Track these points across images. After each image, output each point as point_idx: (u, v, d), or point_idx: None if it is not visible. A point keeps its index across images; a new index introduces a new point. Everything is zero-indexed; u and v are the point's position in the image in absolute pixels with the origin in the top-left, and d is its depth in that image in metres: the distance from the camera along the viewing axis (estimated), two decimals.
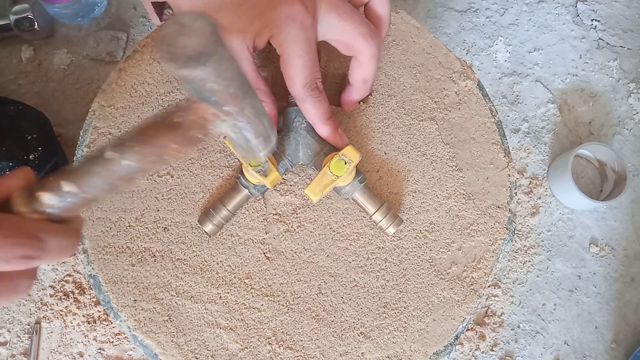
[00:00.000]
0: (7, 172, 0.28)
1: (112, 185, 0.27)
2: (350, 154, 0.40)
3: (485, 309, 0.72)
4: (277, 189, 0.46)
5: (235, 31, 0.36)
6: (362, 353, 0.44)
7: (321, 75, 0.39)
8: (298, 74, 0.37)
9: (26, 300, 0.67)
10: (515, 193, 0.48)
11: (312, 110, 0.39)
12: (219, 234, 0.45)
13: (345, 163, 0.40)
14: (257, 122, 0.29)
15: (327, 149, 0.42)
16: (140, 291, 0.44)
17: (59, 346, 0.67)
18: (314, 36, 0.37)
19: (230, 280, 0.44)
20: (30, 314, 0.67)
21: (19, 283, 0.27)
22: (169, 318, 0.43)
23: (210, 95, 0.25)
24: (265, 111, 0.30)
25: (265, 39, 0.37)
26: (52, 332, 0.67)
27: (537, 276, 0.75)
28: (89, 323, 0.67)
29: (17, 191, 0.27)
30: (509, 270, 0.74)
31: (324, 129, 0.41)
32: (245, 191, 0.43)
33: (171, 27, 0.22)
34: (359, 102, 0.48)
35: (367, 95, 0.48)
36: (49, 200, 0.27)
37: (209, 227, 0.43)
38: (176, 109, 0.27)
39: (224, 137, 0.46)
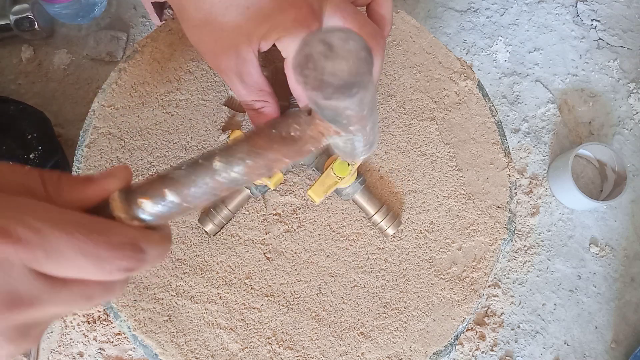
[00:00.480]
0: (107, 169, 0.26)
1: (213, 195, 0.26)
2: None
3: (485, 309, 0.72)
4: (277, 189, 0.45)
5: (242, 34, 0.36)
6: (362, 353, 0.44)
7: None
8: None
9: None
10: (515, 193, 0.48)
11: None
12: (219, 234, 0.45)
13: (349, 165, 0.40)
14: (371, 134, 0.28)
15: (329, 150, 0.42)
16: (140, 291, 0.43)
17: (59, 346, 0.67)
18: None
19: (230, 281, 0.44)
20: None
21: (115, 285, 0.25)
22: (169, 318, 0.43)
23: (342, 119, 0.24)
24: (377, 120, 0.28)
25: (272, 42, 0.37)
26: (52, 332, 0.67)
27: (537, 276, 0.75)
28: (89, 323, 0.67)
29: (116, 194, 0.25)
30: (509, 270, 0.74)
31: None
32: (247, 191, 0.43)
33: (317, 47, 0.20)
34: None
35: None
36: (151, 209, 0.25)
37: (209, 227, 0.43)
38: (293, 122, 0.26)
39: (227, 138, 0.46)
